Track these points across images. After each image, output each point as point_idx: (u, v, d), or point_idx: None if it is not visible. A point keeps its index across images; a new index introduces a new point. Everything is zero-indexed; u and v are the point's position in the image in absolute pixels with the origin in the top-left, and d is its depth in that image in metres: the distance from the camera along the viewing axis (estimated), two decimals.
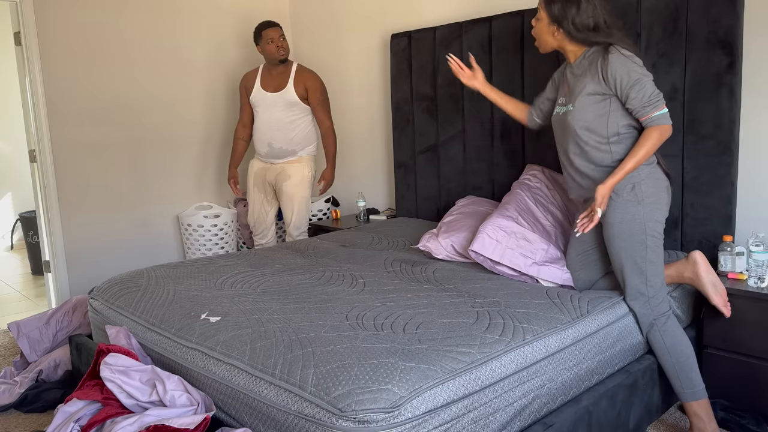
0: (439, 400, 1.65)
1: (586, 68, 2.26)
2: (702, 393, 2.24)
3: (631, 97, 2.16)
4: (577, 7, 2.21)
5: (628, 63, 2.15)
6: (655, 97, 2.14)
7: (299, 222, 3.88)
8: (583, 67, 2.28)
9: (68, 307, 3.06)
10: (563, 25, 2.25)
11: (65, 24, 3.84)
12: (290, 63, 3.81)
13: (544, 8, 2.29)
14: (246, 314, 2.16)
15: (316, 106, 3.81)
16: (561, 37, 2.29)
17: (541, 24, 2.32)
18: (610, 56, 2.17)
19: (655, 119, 2.15)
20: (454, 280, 2.47)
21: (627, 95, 2.16)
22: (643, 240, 2.22)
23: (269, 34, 3.71)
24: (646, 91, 2.14)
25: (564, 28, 2.25)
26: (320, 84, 3.81)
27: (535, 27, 2.35)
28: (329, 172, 3.90)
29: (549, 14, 2.28)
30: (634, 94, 2.15)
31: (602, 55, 2.21)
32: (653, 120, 2.15)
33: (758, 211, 2.73)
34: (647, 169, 2.23)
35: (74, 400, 2.06)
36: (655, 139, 2.14)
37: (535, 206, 2.75)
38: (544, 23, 2.31)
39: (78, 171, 3.96)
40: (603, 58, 2.19)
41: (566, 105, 2.33)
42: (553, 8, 2.26)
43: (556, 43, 2.33)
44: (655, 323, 2.27)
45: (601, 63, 2.20)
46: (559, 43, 2.32)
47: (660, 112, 2.14)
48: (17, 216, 6.42)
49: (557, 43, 2.32)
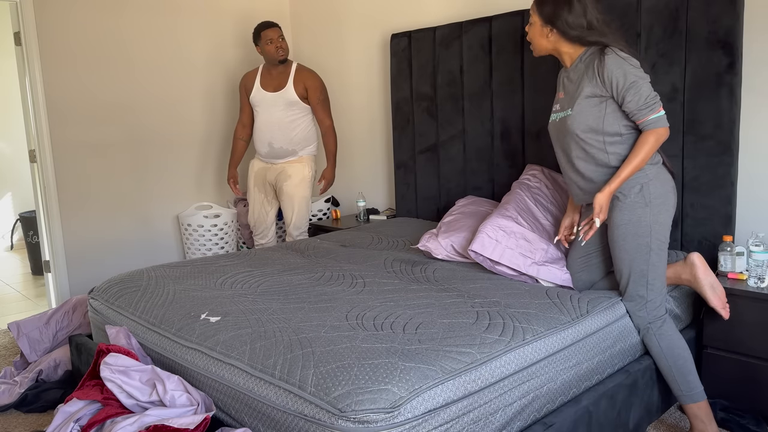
0: (439, 400, 1.65)
1: (583, 71, 2.26)
2: (701, 395, 2.24)
3: (627, 100, 2.15)
4: (568, 6, 2.21)
5: (624, 65, 2.15)
6: (651, 99, 2.14)
7: (299, 222, 3.88)
8: (580, 71, 2.27)
9: (68, 307, 3.06)
10: (557, 24, 2.24)
11: (65, 24, 3.84)
12: (290, 63, 3.81)
13: (536, 11, 2.29)
14: (246, 314, 2.16)
15: (316, 105, 3.81)
16: (555, 38, 2.28)
17: (535, 27, 2.31)
18: (606, 58, 2.16)
19: (652, 122, 2.14)
20: (454, 280, 2.47)
21: (623, 98, 2.16)
22: (648, 243, 2.22)
23: (268, 34, 3.71)
24: (642, 93, 2.13)
25: (558, 27, 2.25)
26: (320, 83, 3.81)
27: (528, 32, 2.35)
28: (330, 171, 3.90)
29: (541, 16, 2.27)
30: (630, 97, 2.14)
31: (598, 57, 2.20)
32: (650, 123, 2.14)
33: (758, 211, 2.73)
34: (654, 169, 2.22)
35: (74, 400, 2.06)
36: (652, 143, 2.14)
37: (534, 206, 2.75)
38: (537, 26, 2.30)
39: (78, 171, 3.96)
40: (599, 60, 2.19)
41: (564, 110, 2.31)
42: (544, 9, 2.25)
43: (550, 45, 2.32)
44: (650, 327, 2.27)
45: (597, 65, 2.19)
46: (553, 45, 2.31)
47: (656, 115, 2.14)
48: (17, 216, 6.42)
49: (552, 45, 2.31)
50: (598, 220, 2.19)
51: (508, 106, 3.34)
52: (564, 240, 2.49)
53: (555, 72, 3.11)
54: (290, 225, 3.88)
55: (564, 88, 2.35)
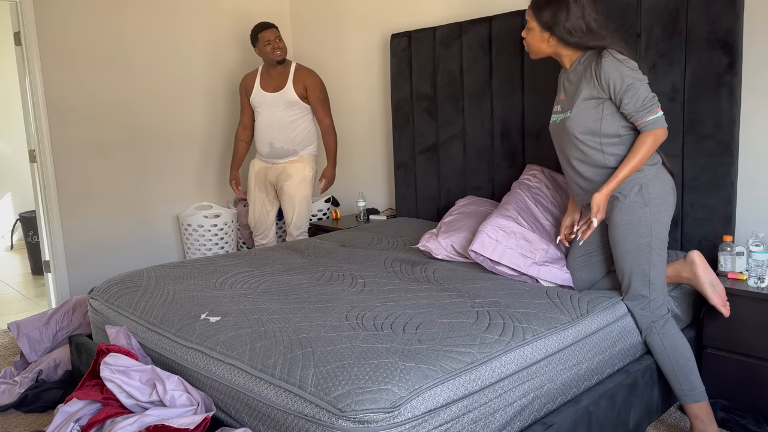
0: (439, 400, 1.64)
1: (582, 73, 2.26)
2: (702, 395, 2.24)
3: (625, 102, 2.15)
4: (566, 11, 2.20)
5: (621, 67, 2.15)
6: (649, 101, 2.14)
7: (300, 222, 3.88)
8: (579, 73, 2.28)
9: (68, 307, 3.06)
10: (555, 31, 2.24)
11: (65, 24, 3.84)
12: (289, 63, 3.82)
13: (533, 18, 2.28)
14: (246, 314, 2.16)
15: (316, 105, 3.81)
16: (555, 42, 2.28)
17: (533, 33, 2.30)
18: (603, 60, 2.16)
19: (650, 123, 2.14)
20: (454, 280, 2.47)
21: (621, 100, 2.16)
22: (649, 243, 2.22)
23: (266, 36, 3.71)
24: (640, 95, 2.13)
25: (557, 33, 2.24)
26: (319, 82, 3.81)
27: (526, 38, 2.34)
28: (330, 170, 3.91)
29: (539, 22, 2.26)
30: (627, 98, 2.14)
31: (596, 59, 2.20)
32: (648, 124, 2.14)
33: (758, 211, 2.73)
34: (654, 170, 2.23)
35: (74, 400, 2.06)
36: (650, 144, 2.14)
37: (534, 206, 2.75)
38: (536, 32, 2.29)
39: (78, 171, 3.96)
40: (597, 63, 2.19)
41: (563, 112, 2.32)
42: (542, 16, 2.25)
43: (550, 50, 2.32)
44: (653, 326, 2.27)
45: (594, 67, 2.19)
46: (553, 49, 2.31)
47: (654, 116, 2.14)
48: (17, 216, 6.42)
49: (552, 50, 2.31)
50: (596, 220, 2.20)
51: (508, 106, 3.34)
52: (564, 239, 2.50)
53: (555, 72, 3.11)
54: (291, 225, 3.88)
55: (564, 90, 2.36)
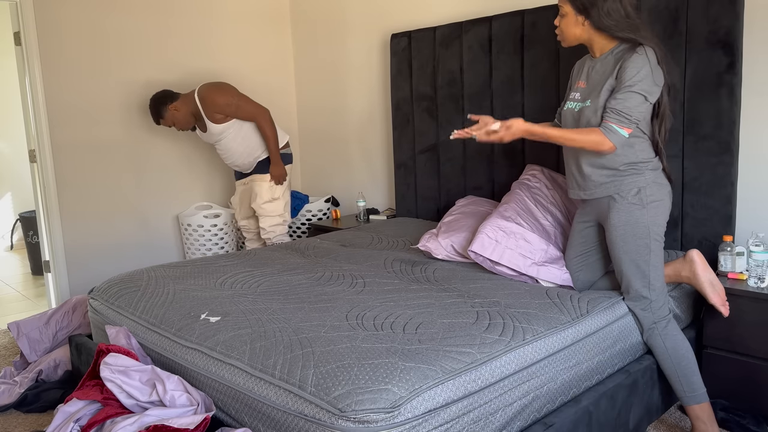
0: (439, 400, 1.64)
1: (611, 64, 2.22)
2: (703, 396, 2.24)
3: (615, 97, 2.14)
4: None
5: (644, 70, 2.11)
6: (629, 115, 2.12)
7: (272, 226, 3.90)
8: (608, 64, 2.24)
9: (68, 307, 3.06)
10: (592, 12, 2.18)
11: (65, 24, 3.84)
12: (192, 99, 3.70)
13: (568, 2, 2.23)
14: (246, 314, 2.16)
15: (236, 113, 3.69)
16: (589, 27, 2.23)
17: (567, 18, 2.25)
18: (635, 55, 2.12)
19: (610, 131, 2.13)
20: (454, 280, 2.47)
21: (616, 92, 2.14)
22: (647, 244, 2.22)
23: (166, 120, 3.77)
24: (628, 104, 2.11)
25: (593, 16, 2.18)
26: (222, 97, 3.65)
27: (559, 24, 2.29)
28: (273, 167, 3.79)
29: (574, 6, 2.21)
30: (619, 96, 2.13)
31: (629, 52, 2.16)
32: (608, 129, 2.13)
33: (758, 211, 2.73)
34: (652, 174, 2.22)
35: (74, 400, 2.06)
36: (592, 139, 2.14)
37: (534, 206, 2.75)
38: (570, 16, 2.24)
39: (78, 171, 3.96)
40: (629, 55, 2.15)
41: (583, 101, 2.28)
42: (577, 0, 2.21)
43: (585, 35, 2.26)
44: (655, 326, 2.27)
45: (625, 59, 2.16)
46: (588, 34, 2.25)
47: (619, 129, 2.13)
48: (17, 216, 6.42)
49: (586, 35, 2.26)
50: (477, 136, 2.21)
51: (508, 106, 3.34)
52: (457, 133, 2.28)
53: (555, 72, 3.11)
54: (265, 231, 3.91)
55: (588, 78, 2.31)
